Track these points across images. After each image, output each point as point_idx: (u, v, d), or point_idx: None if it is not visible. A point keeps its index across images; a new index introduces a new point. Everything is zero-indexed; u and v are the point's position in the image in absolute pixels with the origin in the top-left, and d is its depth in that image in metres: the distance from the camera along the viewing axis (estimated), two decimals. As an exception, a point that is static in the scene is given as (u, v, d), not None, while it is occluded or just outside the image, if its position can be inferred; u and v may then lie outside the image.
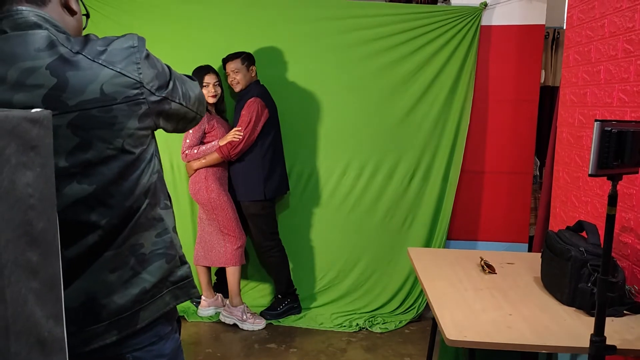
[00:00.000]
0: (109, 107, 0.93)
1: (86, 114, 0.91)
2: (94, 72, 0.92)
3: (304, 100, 3.16)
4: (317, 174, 3.21)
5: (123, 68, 0.94)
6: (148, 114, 0.98)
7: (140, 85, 0.96)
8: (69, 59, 0.92)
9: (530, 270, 1.90)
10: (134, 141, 0.97)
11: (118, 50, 0.96)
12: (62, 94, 0.90)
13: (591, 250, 1.56)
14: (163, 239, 1.05)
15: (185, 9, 3.06)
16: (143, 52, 0.98)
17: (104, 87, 0.92)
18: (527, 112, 3.13)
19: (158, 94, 0.99)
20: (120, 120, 0.94)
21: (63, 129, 0.91)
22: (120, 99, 0.93)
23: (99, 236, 0.97)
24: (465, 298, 1.62)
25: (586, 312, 1.53)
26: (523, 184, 3.20)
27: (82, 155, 0.92)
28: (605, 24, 1.92)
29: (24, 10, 0.95)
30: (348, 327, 3.04)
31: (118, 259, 0.99)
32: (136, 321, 1.02)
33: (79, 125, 0.91)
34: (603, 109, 1.91)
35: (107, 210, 0.96)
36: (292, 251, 3.21)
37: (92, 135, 0.93)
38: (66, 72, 0.91)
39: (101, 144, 0.93)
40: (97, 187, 0.95)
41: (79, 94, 0.91)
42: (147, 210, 1.02)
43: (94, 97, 0.92)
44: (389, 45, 3.06)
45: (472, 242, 3.29)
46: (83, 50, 0.94)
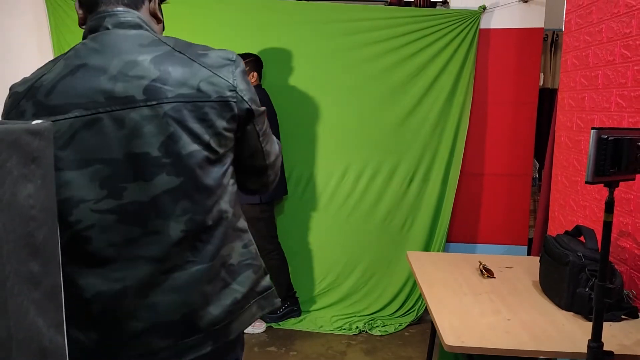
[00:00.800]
0: (202, 102, 0.96)
1: (182, 107, 0.94)
2: (193, 70, 0.96)
3: (303, 103, 3.16)
4: (317, 177, 3.22)
5: (219, 72, 0.98)
6: (235, 118, 1.00)
7: (234, 89, 0.99)
8: (171, 55, 0.97)
9: (529, 275, 1.91)
10: (219, 141, 0.98)
11: (216, 57, 1.00)
12: (164, 85, 0.94)
13: (589, 255, 1.57)
14: (249, 249, 1.07)
15: (185, 13, 3.07)
16: (239, 67, 1.02)
17: (201, 85, 0.96)
18: (526, 114, 3.14)
19: (249, 104, 1.01)
20: (210, 117, 0.96)
21: (159, 118, 0.93)
22: (214, 98, 0.97)
23: (182, 231, 0.96)
24: (463, 303, 1.63)
25: (584, 316, 1.54)
26: (522, 187, 3.21)
27: (174, 146, 0.94)
28: (602, 29, 1.93)
29: (125, 12, 1.00)
30: (348, 330, 3.05)
31: (212, 270, 0.99)
32: (229, 332, 1.02)
33: (174, 117, 0.94)
34: (601, 113, 1.92)
35: (191, 205, 0.96)
36: (292, 254, 3.22)
37: (184, 128, 0.94)
38: (168, 66, 0.95)
39: (190, 138, 0.95)
40: (184, 179, 0.95)
41: (177, 87, 0.94)
42: (233, 221, 1.03)
43: (191, 92, 0.95)
44: (388, 49, 3.07)
45: (471, 245, 3.29)
46: (185, 50, 0.99)
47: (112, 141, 0.92)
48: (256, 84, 2.98)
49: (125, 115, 0.92)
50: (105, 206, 0.93)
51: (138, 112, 0.92)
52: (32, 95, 0.94)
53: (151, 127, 0.92)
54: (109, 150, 0.92)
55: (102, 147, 0.92)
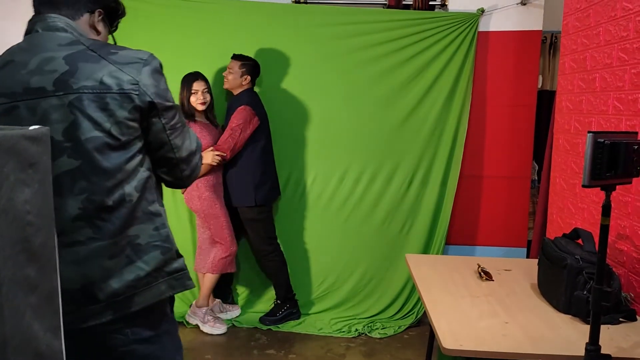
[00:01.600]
0: (104, 94, 1.08)
1: (84, 97, 1.06)
2: (100, 65, 1.08)
3: (302, 107, 3.16)
4: (315, 180, 3.22)
5: (124, 67, 1.10)
6: (137, 109, 1.10)
7: (136, 83, 1.10)
8: (84, 53, 1.10)
9: (527, 277, 1.91)
10: (120, 129, 1.09)
11: (127, 56, 1.12)
12: (70, 78, 1.07)
13: (586, 258, 1.57)
14: (159, 232, 1.17)
15: (181, 16, 3.07)
16: (148, 65, 1.13)
17: (104, 78, 1.08)
18: (525, 116, 3.14)
19: (151, 97, 1.12)
20: (111, 107, 1.08)
21: (64, 107, 1.06)
22: (115, 90, 1.08)
23: (79, 209, 1.08)
24: (462, 306, 1.63)
25: (582, 319, 1.54)
26: (521, 189, 3.21)
27: (75, 132, 1.06)
28: (600, 32, 1.93)
29: (56, 17, 1.14)
30: (347, 333, 3.05)
31: (115, 247, 1.11)
32: (130, 304, 1.13)
33: (77, 106, 1.06)
34: (599, 116, 1.93)
35: (88, 185, 1.08)
36: (291, 257, 3.22)
37: (85, 116, 1.07)
38: (78, 62, 1.08)
39: (90, 125, 1.07)
40: (82, 162, 1.07)
41: (83, 80, 1.07)
42: (142, 205, 1.14)
43: (94, 85, 1.07)
44: (386, 52, 3.07)
45: (470, 247, 3.29)
46: (97, 49, 1.12)
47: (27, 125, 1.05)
48: (247, 87, 2.98)
49: (37, 104, 1.07)
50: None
51: (47, 102, 1.07)
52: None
53: (57, 114, 1.06)
54: None
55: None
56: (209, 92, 2.91)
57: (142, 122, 1.13)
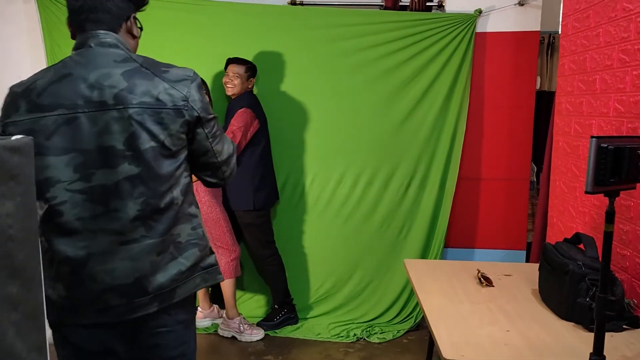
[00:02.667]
0: (160, 109, 1.19)
1: (143, 112, 1.17)
2: (155, 83, 1.19)
3: (298, 110, 3.13)
4: (313, 184, 3.19)
5: (176, 85, 1.21)
6: (186, 122, 1.22)
7: (186, 99, 1.22)
8: (139, 70, 1.20)
9: (527, 282, 1.88)
10: (172, 140, 1.21)
11: (176, 74, 1.24)
12: (129, 94, 1.17)
13: (589, 264, 1.54)
14: (197, 231, 1.29)
15: (176, 18, 3.04)
16: (194, 81, 1.25)
17: (160, 95, 1.19)
18: (523, 118, 3.12)
19: (198, 112, 1.24)
20: (166, 121, 1.19)
21: (125, 119, 1.16)
22: (170, 106, 1.20)
23: (138, 211, 1.19)
24: (461, 313, 1.60)
25: (585, 327, 1.51)
26: (520, 191, 3.19)
27: (135, 142, 1.16)
28: (600, 33, 1.90)
29: (106, 34, 1.23)
30: (345, 338, 3.02)
31: (163, 245, 1.22)
32: (173, 296, 1.25)
33: (136, 119, 1.16)
34: (599, 118, 1.90)
35: (146, 190, 1.19)
36: (289, 261, 3.18)
37: (144, 128, 1.17)
38: (135, 79, 1.18)
39: (148, 136, 1.17)
40: (142, 169, 1.18)
41: (141, 96, 1.17)
42: (183, 207, 1.26)
43: (151, 101, 1.18)
44: (383, 53, 3.04)
45: (469, 250, 3.27)
46: (150, 67, 1.22)
47: (86, 135, 1.16)
48: (249, 91, 2.95)
49: (99, 115, 1.16)
50: (77, 187, 1.17)
51: (108, 114, 1.16)
52: (27, 95, 1.18)
53: (118, 126, 1.16)
54: (83, 142, 1.16)
55: (79, 139, 1.16)
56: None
57: (189, 134, 1.24)
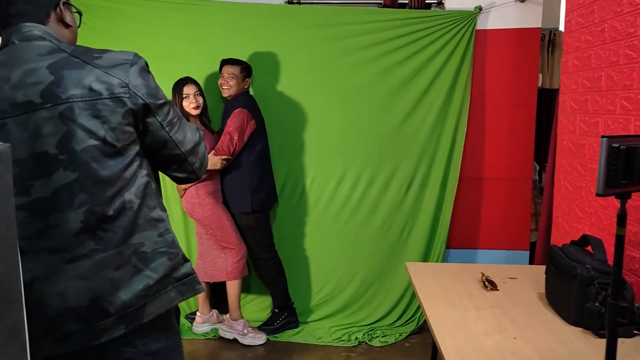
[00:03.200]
0: (95, 100, 1.03)
1: (74, 106, 1.01)
2: (86, 71, 1.04)
3: (297, 110, 3.08)
4: (312, 185, 3.14)
5: (111, 71, 1.05)
6: (131, 112, 1.06)
7: (126, 85, 1.06)
8: (67, 60, 1.05)
9: (533, 285, 1.83)
10: (116, 135, 1.05)
11: (112, 58, 1.08)
12: (57, 88, 1.02)
13: (598, 268, 1.49)
14: (164, 238, 1.13)
15: (171, 18, 2.99)
16: (135, 65, 1.08)
17: (92, 84, 1.03)
18: (525, 116, 3.07)
19: (143, 99, 1.08)
20: (104, 113, 1.04)
21: (55, 119, 1.01)
22: (106, 95, 1.04)
23: (81, 222, 1.03)
24: (466, 319, 1.55)
25: (594, 332, 1.46)
26: (523, 190, 3.14)
27: (69, 143, 1.01)
28: (605, 29, 1.85)
29: (31, 26, 1.08)
30: (347, 342, 2.97)
31: (120, 257, 1.06)
32: (142, 315, 1.08)
33: (68, 116, 1.01)
34: (606, 116, 1.85)
35: (88, 197, 1.03)
36: (288, 264, 3.13)
37: (78, 125, 1.02)
38: (62, 70, 1.03)
39: (84, 134, 1.02)
40: (80, 174, 1.03)
41: (70, 88, 1.02)
42: (143, 211, 1.10)
43: (83, 92, 1.03)
44: (382, 52, 3.00)
45: (472, 251, 3.22)
46: (81, 55, 1.06)
47: (17, 143, 1.01)
48: (245, 91, 2.90)
49: (27, 118, 1.01)
50: (17, 202, 0.98)
51: (37, 115, 1.01)
52: None
53: (49, 127, 1.01)
54: (15, 152, 1.00)
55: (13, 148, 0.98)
56: (201, 94, 2.83)
57: (138, 125, 1.09)
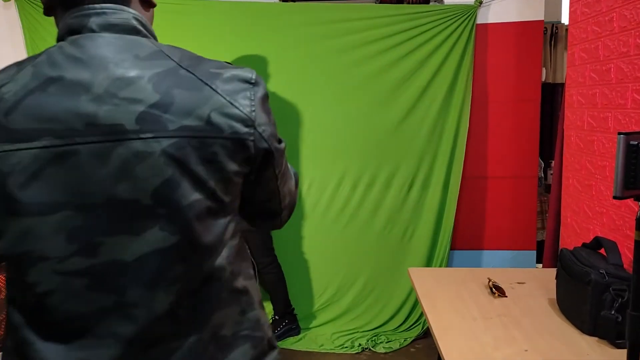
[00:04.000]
0: (212, 139, 0.74)
1: (186, 143, 0.72)
2: (205, 95, 0.74)
3: (293, 111, 3.00)
4: (311, 188, 3.05)
5: (235, 99, 0.76)
6: (250, 160, 0.78)
7: (252, 124, 0.77)
8: (176, 73, 0.74)
9: (543, 291, 1.74)
10: (226, 188, 0.77)
11: (233, 79, 0.78)
12: (164, 114, 0.72)
13: (612, 272, 1.40)
14: (248, 317, 0.84)
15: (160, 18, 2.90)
16: (259, 91, 0.79)
17: (212, 115, 0.74)
18: (529, 112, 2.98)
19: (268, 143, 0.79)
20: (220, 158, 0.75)
21: (156, 157, 0.71)
22: (227, 134, 0.75)
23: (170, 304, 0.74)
24: (473, 330, 1.46)
25: (611, 342, 1.36)
26: (528, 188, 3.04)
27: (171, 195, 0.72)
28: (614, 18, 1.76)
29: (116, 9, 0.76)
30: (350, 348, 2.88)
31: (198, 346, 0.77)
32: None
33: (174, 156, 0.72)
34: (616, 111, 1.75)
35: (185, 270, 0.75)
36: (288, 268, 3.05)
37: (186, 171, 0.72)
38: (172, 88, 0.73)
39: (192, 184, 0.73)
40: (181, 237, 0.74)
41: (183, 116, 0.72)
42: (229, 281, 0.81)
43: (198, 125, 0.73)
44: (380, 49, 2.91)
45: (477, 252, 3.12)
46: (194, 68, 0.76)
47: (90, 182, 0.71)
48: None
49: (111, 149, 0.70)
50: (73, 266, 0.71)
51: (128, 147, 0.71)
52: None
53: (144, 167, 0.71)
54: (85, 193, 0.70)
55: (77, 188, 0.70)
56: None
57: (251, 175, 0.81)
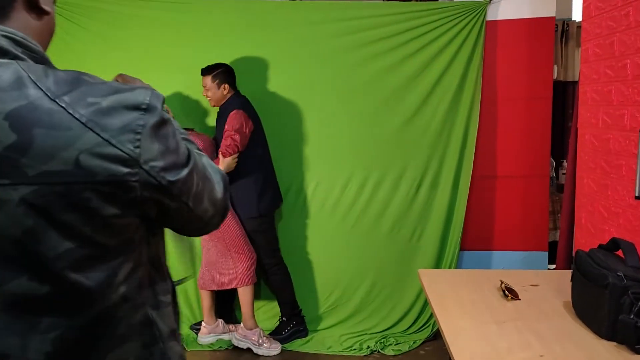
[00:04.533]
0: (81, 184, 0.64)
1: (49, 191, 0.63)
2: (73, 133, 0.63)
3: (299, 111, 2.97)
4: (318, 188, 3.02)
5: (114, 135, 0.65)
6: (137, 202, 0.69)
7: (136, 163, 0.66)
8: (40, 107, 0.63)
9: (557, 293, 1.69)
10: (110, 232, 0.68)
11: (115, 108, 0.66)
12: (21, 158, 0.62)
13: (631, 275, 1.35)
14: (150, 351, 0.76)
15: (164, 17, 2.87)
16: (153, 117, 0.68)
17: (81, 158, 0.64)
18: (540, 110, 2.93)
19: (159, 178, 0.69)
20: (93, 204, 0.65)
21: (12, 206, 0.63)
22: (102, 178, 0.65)
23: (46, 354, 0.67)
24: (487, 335, 1.41)
25: (630, 348, 1.31)
26: (540, 188, 2.99)
27: (35, 246, 0.65)
28: (630, 13, 1.71)
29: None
30: (358, 351, 2.84)
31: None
32: None
33: (35, 204, 0.63)
34: (632, 108, 1.70)
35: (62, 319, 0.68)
36: (295, 269, 3.01)
37: (50, 221, 0.64)
38: (33, 127, 0.63)
39: (60, 233, 0.65)
40: (51, 287, 0.66)
41: (44, 160, 0.63)
42: (128, 316, 0.73)
43: (64, 169, 0.63)
44: (387, 48, 2.88)
45: (487, 253, 3.08)
46: (67, 95, 0.65)
47: None
48: (231, 94, 2.77)
49: None
50: None
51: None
52: None
53: (1, 216, 0.63)
54: None
55: None
56: None
57: (149, 212, 0.72)
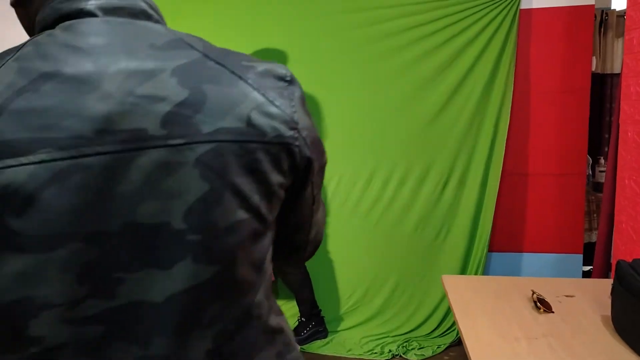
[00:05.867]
0: (255, 144, 0.58)
1: (224, 150, 0.56)
2: (241, 91, 0.59)
3: (321, 105, 2.87)
4: (340, 184, 2.92)
5: (275, 98, 0.61)
6: (293, 170, 0.63)
7: (296, 127, 0.62)
8: (203, 65, 0.59)
9: (596, 306, 1.55)
10: (271, 204, 0.61)
11: (268, 73, 0.63)
12: (196, 114, 0.56)
13: (682, 292, 1.21)
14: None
15: (183, 7, 2.82)
16: (298, 90, 0.66)
17: (252, 115, 0.58)
18: (577, 104, 2.75)
19: (309, 152, 0.64)
20: (263, 167, 0.59)
21: (189, 167, 0.55)
22: (271, 137, 0.59)
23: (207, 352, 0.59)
24: (517, 353, 1.29)
25: (679, 373, 1.18)
26: (575, 187, 2.82)
27: (208, 215, 0.56)
28: (683, -3, 1.54)
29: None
30: (380, 354, 2.74)
31: None
32: None
33: (213, 166, 0.56)
34: (684, 103, 1.54)
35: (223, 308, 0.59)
36: (315, 268, 2.93)
37: (227, 184, 0.56)
38: (203, 83, 0.57)
39: (234, 200, 0.57)
40: (220, 269, 0.58)
41: (221, 116, 0.57)
42: (265, 319, 0.65)
43: (239, 127, 0.57)
44: (415, 38, 2.75)
45: (517, 254, 2.93)
46: (223, 59, 0.61)
47: (103, 204, 0.53)
48: None
49: (130, 160, 0.54)
50: (85, 312, 0.54)
51: (152, 157, 0.54)
52: None
53: (174, 181, 0.55)
54: (96, 219, 0.53)
55: (86, 213, 0.53)
56: None
57: (288, 191, 0.65)
